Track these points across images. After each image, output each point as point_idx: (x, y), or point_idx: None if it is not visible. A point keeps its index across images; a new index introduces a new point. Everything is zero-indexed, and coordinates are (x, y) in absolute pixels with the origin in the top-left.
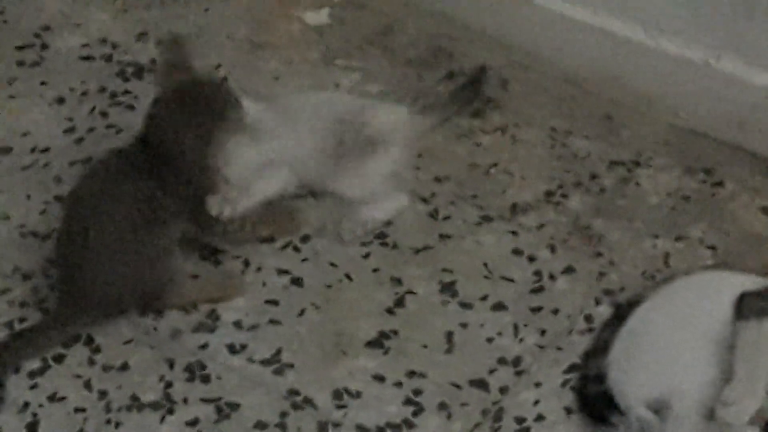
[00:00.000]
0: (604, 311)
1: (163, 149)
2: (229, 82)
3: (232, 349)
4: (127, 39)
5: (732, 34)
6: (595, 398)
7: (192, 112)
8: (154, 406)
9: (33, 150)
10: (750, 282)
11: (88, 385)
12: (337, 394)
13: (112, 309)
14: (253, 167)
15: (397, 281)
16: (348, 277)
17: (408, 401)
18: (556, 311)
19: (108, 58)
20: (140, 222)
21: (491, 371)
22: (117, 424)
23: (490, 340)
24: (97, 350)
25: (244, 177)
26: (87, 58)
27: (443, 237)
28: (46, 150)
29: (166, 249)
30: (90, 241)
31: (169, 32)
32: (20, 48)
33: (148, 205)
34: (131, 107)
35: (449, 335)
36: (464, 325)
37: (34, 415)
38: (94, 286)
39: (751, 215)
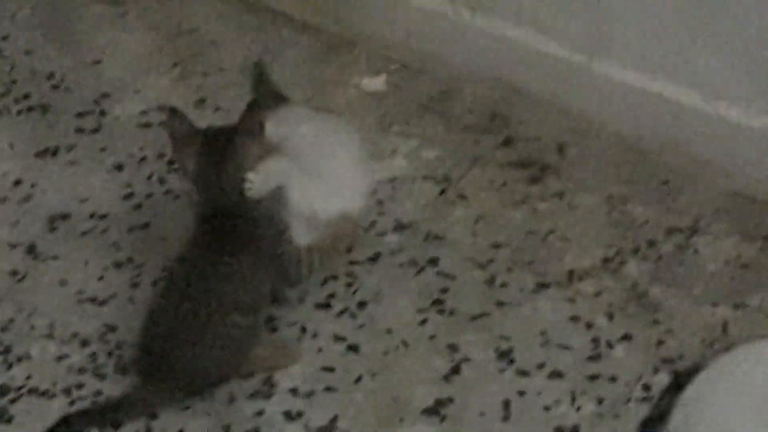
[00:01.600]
0: (662, 380)
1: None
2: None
3: (289, 416)
4: (185, 106)
5: None
6: None
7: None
8: None
9: (92, 216)
10: None
11: None
12: None
13: (195, 388)
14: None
15: (454, 348)
16: (404, 343)
17: None
18: (613, 379)
19: None
20: (245, 303)
21: None
22: None
23: (547, 408)
24: (153, 417)
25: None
26: (145, 124)
27: (500, 304)
28: (104, 216)
29: (258, 328)
30: (192, 320)
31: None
32: (80, 115)
33: (251, 284)
34: None
35: (506, 403)
36: (521, 393)
37: None
38: (187, 366)
39: None
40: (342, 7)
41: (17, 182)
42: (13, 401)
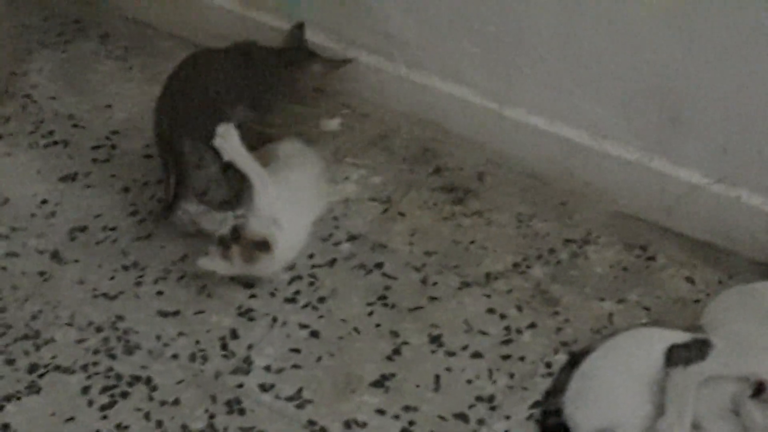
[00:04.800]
0: (561, 359)
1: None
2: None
3: (263, 388)
4: None
5: (660, 139)
6: (554, 428)
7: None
8: None
9: (104, 228)
10: (677, 336)
11: (147, 417)
12: (347, 424)
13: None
14: None
15: (395, 334)
16: (356, 330)
17: (404, 430)
18: (522, 358)
19: None
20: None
21: (470, 406)
22: None
23: (469, 381)
24: (154, 388)
25: None
26: (147, 156)
27: (432, 299)
28: (114, 228)
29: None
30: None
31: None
32: (94, 148)
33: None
34: None
35: (437, 377)
36: (449, 370)
37: None
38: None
39: (677, 283)
40: None
41: (44, 201)
42: (41, 376)
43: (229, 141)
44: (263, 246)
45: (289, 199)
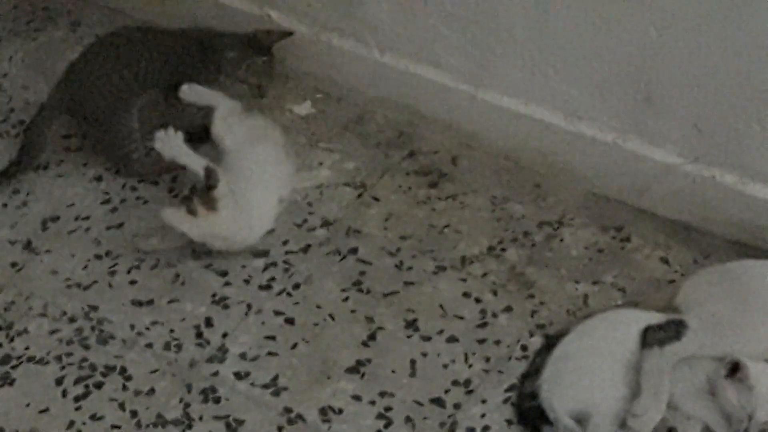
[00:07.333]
0: (536, 342)
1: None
2: None
3: (238, 376)
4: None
5: (635, 120)
6: (530, 411)
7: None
8: (176, 422)
9: (77, 218)
10: (652, 317)
11: (122, 407)
12: (323, 411)
13: None
14: None
15: (370, 319)
16: (331, 316)
17: (380, 416)
18: (498, 342)
19: None
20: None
21: (446, 391)
22: None
23: (445, 366)
24: (129, 378)
25: None
26: None
27: (407, 283)
28: (86, 218)
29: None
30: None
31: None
32: (66, 137)
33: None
34: (156, 183)
35: (413, 362)
36: (425, 354)
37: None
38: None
39: (652, 263)
40: (276, 48)
41: (15, 191)
42: (14, 367)
43: (168, 143)
44: (210, 201)
45: (250, 175)
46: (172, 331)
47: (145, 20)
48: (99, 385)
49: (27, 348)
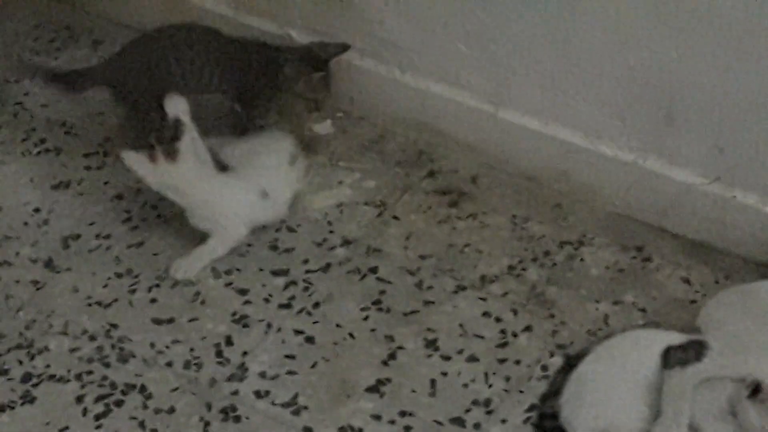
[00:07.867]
0: (556, 362)
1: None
2: None
3: (258, 395)
4: None
5: (656, 139)
6: None
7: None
8: None
9: (97, 236)
10: (673, 338)
11: (142, 425)
12: (343, 430)
13: None
14: None
15: (390, 338)
16: (351, 335)
17: None
18: (518, 362)
19: None
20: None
21: (467, 411)
22: None
23: (465, 385)
24: (149, 397)
25: None
26: None
27: (427, 303)
28: (108, 236)
29: None
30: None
31: None
32: (87, 155)
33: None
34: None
35: (433, 382)
36: (445, 374)
37: None
38: None
39: (673, 283)
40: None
41: (37, 210)
42: (35, 385)
43: (174, 105)
44: (172, 152)
45: (236, 162)
46: (192, 349)
47: None
48: (119, 404)
49: (47, 366)
